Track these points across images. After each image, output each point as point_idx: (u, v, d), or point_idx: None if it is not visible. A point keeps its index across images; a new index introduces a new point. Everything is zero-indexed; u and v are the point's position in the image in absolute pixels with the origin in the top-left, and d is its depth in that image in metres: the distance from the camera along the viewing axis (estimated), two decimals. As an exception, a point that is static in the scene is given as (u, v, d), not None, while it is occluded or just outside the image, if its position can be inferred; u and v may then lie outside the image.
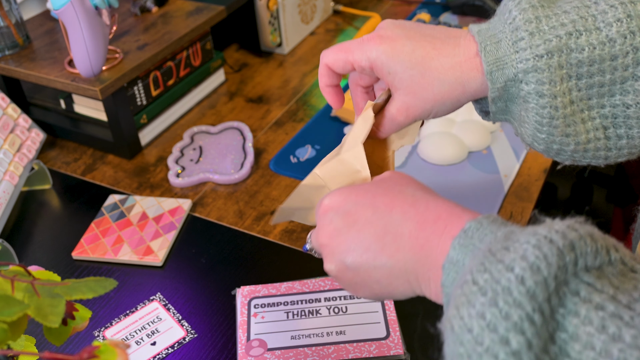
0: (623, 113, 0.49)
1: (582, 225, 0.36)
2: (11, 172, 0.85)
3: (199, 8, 1.05)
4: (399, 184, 0.48)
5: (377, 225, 0.46)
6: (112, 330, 0.70)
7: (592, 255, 0.35)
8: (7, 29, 0.95)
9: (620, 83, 0.48)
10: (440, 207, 0.45)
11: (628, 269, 0.36)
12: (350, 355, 0.64)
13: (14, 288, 0.38)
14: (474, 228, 0.41)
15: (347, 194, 0.48)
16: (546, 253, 0.34)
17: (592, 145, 0.51)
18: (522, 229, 0.38)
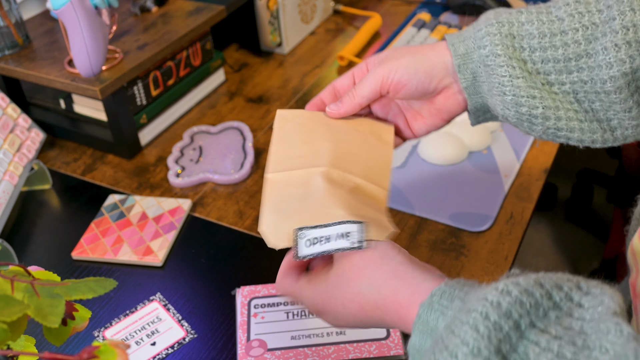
0: (582, 89, 0.53)
1: (516, 283, 0.37)
2: (11, 172, 0.85)
3: (199, 8, 1.05)
4: (355, 276, 0.48)
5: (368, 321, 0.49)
6: (112, 330, 0.70)
7: (534, 309, 0.37)
8: (7, 28, 0.95)
9: (575, 60, 0.52)
10: (394, 304, 0.46)
11: (575, 304, 0.37)
12: (350, 356, 0.64)
13: (13, 288, 0.38)
14: (427, 310, 0.42)
15: (322, 307, 0.50)
16: (483, 332, 0.35)
17: (562, 112, 0.54)
18: (466, 302, 0.39)
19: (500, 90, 0.54)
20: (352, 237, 0.48)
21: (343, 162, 0.56)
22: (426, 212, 0.81)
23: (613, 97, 0.52)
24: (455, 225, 0.80)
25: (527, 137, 0.93)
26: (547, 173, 0.87)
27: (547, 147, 0.92)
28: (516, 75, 0.53)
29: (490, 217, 0.80)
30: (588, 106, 0.53)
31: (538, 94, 0.53)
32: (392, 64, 0.57)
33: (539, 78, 0.53)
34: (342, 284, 0.48)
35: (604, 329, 0.34)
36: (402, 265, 0.46)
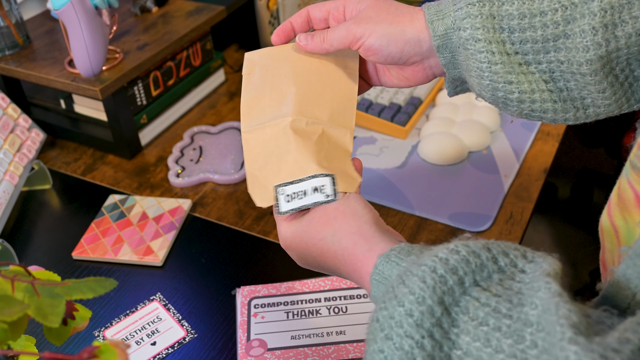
0: (558, 68, 0.53)
1: (465, 245, 0.41)
2: (11, 172, 0.85)
3: (199, 8, 1.05)
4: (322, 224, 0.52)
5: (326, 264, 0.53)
6: (112, 330, 0.70)
7: (479, 270, 0.40)
8: (7, 29, 0.95)
9: (553, 40, 0.52)
10: (351, 255, 0.49)
11: (518, 270, 0.41)
12: (350, 355, 0.64)
13: (14, 288, 0.38)
14: (384, 262, 0.45)
15: (289, 244, 0.55)
16: (429, 283, 0.39)
17: (537, 95, 0.55)
18: (420, 258, 0.42)
19: (478, 74, 0.54)
20: (325, 190, 0.52)
21: (309, 107, 0.58)
22: (426, 212, 0.82)
23: (588, 78, 0.52)
24: (455, 225, 0.80)
25: (527, 137, 0.93)
26: (546, 173, 0.87)
27: (547, 147, 0.92)
28: (495, 62, 0.53)
29: (490, 217, 0.80)
30: (563, 85, 0.54)
31: (515, 79, 0.54)
32: (367, 27, 0.56)
33: (517, 58, 0.54)
34: (310, 228, 0.52)
35: (536, 287, 0.37)
36: (367, 224, 0.50)
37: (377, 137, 0.96)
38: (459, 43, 0.55)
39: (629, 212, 0.45)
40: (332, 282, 0.72)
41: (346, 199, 0.52)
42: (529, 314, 0.36)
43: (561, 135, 0.94)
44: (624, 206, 0.46)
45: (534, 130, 0.95)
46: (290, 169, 0.54)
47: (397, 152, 0.92)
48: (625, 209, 0.46)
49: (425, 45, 0.56)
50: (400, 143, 0.94)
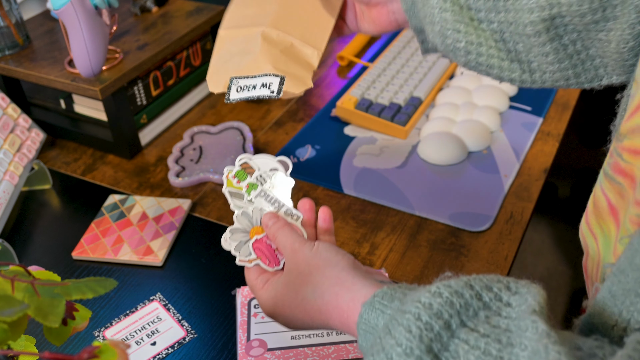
0: (508, 29, 0.56)
1: (447, 285, 0.40)
2: (11, 172, 0.85)
3: (199, 8, 1.05)
4: (300, 284, 0.51)
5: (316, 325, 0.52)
6: (112, 330, 0.70)
7: (464, 310, 0.39)
8: (7, 29, 0.95)
9: (504, 1, 0.55)
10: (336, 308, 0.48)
11: (504, 304, 0.39)
12: (350, 355, 0.64)
13: (14, 288, 0.38)
14: (368, 310, 0.44)
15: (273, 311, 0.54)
16: (415, 332, 0.38)
17: (484, 49, 0.58)
18: (404, 304, 0.41)
19: (430, 19, 0.59)
20: (272, 87, 0.57)
21: (284, 23, 0.64)
22: (426, 212, 0.82)
23: (532, 40, 0.55)
24: (455, 225, 0.80)
25: (527, 137, 0.93)
26: (547, 173, 0.87)
27: (547, 147, 0.92)
28: (445, 9, 0.57)
29: (490, 217, 0.80)
30: (512, 46, 0.57)
31: (463, 29, 0.57)
32: None
33: (470, 14, 0.57)
34: (289, 290, 0.52)
35: (523, 327, 0.36)
36: (344, 272, 0.49)
37: (377, 137, 0.96)
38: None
39: (604, 220, 0.45)
40: (332, 282, 0.72)
41: (316, 251, 0.52)
42: (519, 355, 0.35)
43: (561, 135, 0.94)
44: (599, 214, 0.46)
45: (534, 130, 0.95)
46: (248, 66, 0.60)
47: (397, 152, 0.92)
48: (600, 217, 0.46)
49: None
50: (400, 143, 0.94)
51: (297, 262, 0.52)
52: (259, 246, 0.57)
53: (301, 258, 0.52)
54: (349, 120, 0.99)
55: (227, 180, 0.58)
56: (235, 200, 0.58)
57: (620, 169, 0.43)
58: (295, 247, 0.53)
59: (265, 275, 0.56)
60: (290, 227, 0.56)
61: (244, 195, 0.58)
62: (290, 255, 0.53)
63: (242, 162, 0.59)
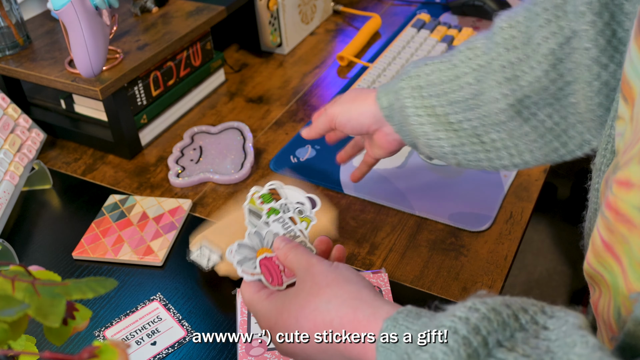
0: (486, 121, 0.62)
1: (483, 302, 0.38)
2: (11, 172, 0.85)
3: (199, 8, 1.05)
4: (313, 295, 0.48)
5: (314, 347, 0.47)
6: (113, 330, 0.70)
7: (501, 329, 0.36)
8: (8, 29, 0.95)
9: (472, 99, 0.62)
10: (352, 322, 0.45)
11: (540, 327, 0.37)
12: (350, 355, 0.64)
13: (14, 288, 0.38)
14: (391, 327, 0.41)
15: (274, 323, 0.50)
16: (452, 346, 0.35)
17: (468, 147, 0.64)
18: (433, 320, 0.39)
19: (414, 134, 0.67)
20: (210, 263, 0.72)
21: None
22: (426, 212, 0.82)
23: (510, 124, 0.61)
24: (454, 225, 0.80)
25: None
26: (546, 173, 0.87)
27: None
28: (422, 122, 0.65)
29: (489, 217, 0.80)
30: (494, 136, 0.63)
31: (444, 136, 0.64)
32: (335, 109, 0.73)
33: (447, 119, 0.64)
34: (300, 299, 0.48)
35: (570, 343, 0.35)
36: (365, 289, 0.46)
37: (377, 137, 0.96)
38: (399, 112, 0.67)
39: (603, 257, 0.44)
40: (332, 282, 0.72)
41: (336, 267, 0.49)
42: None
43: (561, 136, 0.94)
44: (597, 253, 0.45)
45: (533, 130, 0.95)
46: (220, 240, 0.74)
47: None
48: (598, 255, 0.45)
49: (378, 114, 0.70)
50: (400, 143, 0.94)
51: (313, 274, 0.49)
52: (265, 263, 0.55)
53: (318, 270, 0.49)
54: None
55: (250, 199, 0.58)
56: (252, 218, 0.57)
57: (607, 202, 0.42)
58: (313, 262, 0.50)
59: (267, 290, 0.53)
60: (304, 248, 0.53)
61: (262, 216, 0.57)
62: (305, 269, 0.50)
63: (271, 187, 0.58)
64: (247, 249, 0.56)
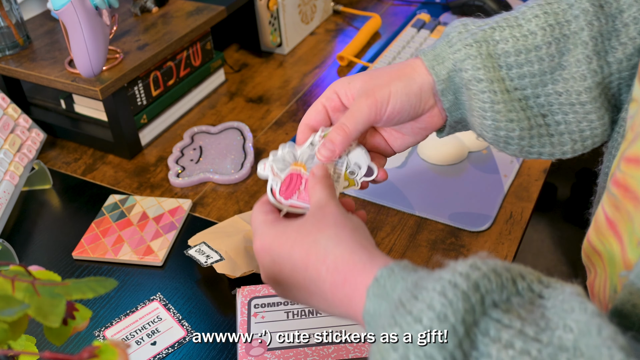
0: (557, 100, 0.54)
1: (485, 262, 0.38)
2: (11, 172, 0.85)
3: (199, 8, 1.05)
4: (317, 229, 0.47)
5: (298, 280, 0.47)
6: (113, 330, 0.70)
7: (498, 290, 0.36)
8: (8, 29, 0.95)
9: (550, 73, 0.53)
10: (348, 263, 0.45)
11: (536, 295, 0.37)
12: (350, 355, 0.64)
13: (14, 288, 0.38)
14: (385, 275, 0.41)
15: (269, 245, 0.49)
16: (451, 299, 0.35)
17: (535, 131, 0.55)
18: (430, 274, 0.39)
19: (480, 114, 0.54)
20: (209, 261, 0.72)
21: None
22: (426, 212, 0.82)
23: (588, 107, 0.53)
24: (454, 225, 0.80)
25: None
26: (546, 173, 0.87)
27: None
28: (497, 101, 0.53)
29: (489, 217, 0.80)
30: (561, 118, 0.54)
31: (516, 117, 0.53)
32: (383, 92, 0.54)
33: (516, 94, 0.54)
34: (303, 229, 0.48)
35: (568, 308, 0.35)
36: (369, 240, 0.46)
37: (377, 137, 0.96)
38: (461, 84, 0.54)
39: (604, 235, 0.44)
40: (332, 282, 0.72)
41: (350, 216, 0.48)
42: (562, 338, 0.33)
43: (561, 135, 0.94)
44: (599, 230, 0.45)
45: (533, 130, 0.95)
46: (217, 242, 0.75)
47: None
48: (600, 233, 0.45)
49: (434, 87, 0.56)
50: (400, 143, 0.94)
51: (324, 212, 0.48)
52: (292, 176, 0.55)
53: (331, 210, 0.48)
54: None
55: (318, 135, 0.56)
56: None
57: (615, 179, 0.42)
58: (332, 203, 0.49)
59: (275, 216, 0.52)
60: (333, 188, 0.52)
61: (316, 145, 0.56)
62: (320, 206, 0.49)
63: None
64: (282, 161, 0.56)
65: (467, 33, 0.54)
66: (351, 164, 0.56)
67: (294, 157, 0.56)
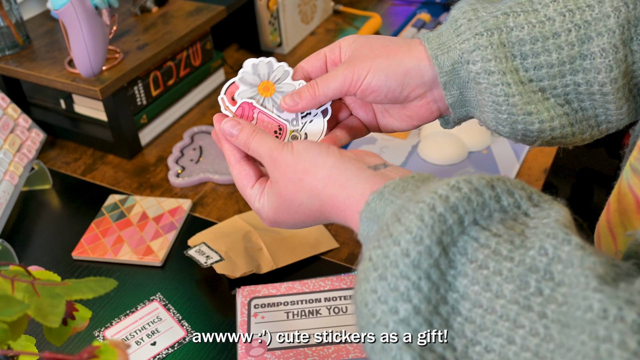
0: (575, 91, 0.50)
1: (468, 181, 0.38)
2: (11, 172, 0.85)
3: (199, 8, 1.05)
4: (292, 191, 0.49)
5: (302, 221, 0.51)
6: (112, 330, 0.70)
7: (479, 209, 0.37)
8: (7, 29, 0.95)
9: (569, 63, 0.49)
10: (333, 209, 0.47)
11: (522, 212, 0.38)
12: (350, 356, 0.64)
13: (14, 288, 0.38)
14: (376, 199, 0.42)
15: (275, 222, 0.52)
16: (427, 221, 0.36)
17: (557, 122, 0.51)
18: (416, 195, 0.39)
19: (494, 108, 0.50)
20: (209, 261, 0.72)
21: (269, 237, 0.77)
22: (426, 212, 0.81)
23: (610, 97, 0.49)
24: (455, 225, 0.80)
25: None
26: (547, 173, 0.87)
27: (547, 147, 0.92)
28: (512, 94, 0.49)
29: (490, 217, 0.80)
30: (577, 106, 0.51)
31: (534, 109, 0.50)
32: (363, 66, 0.52)
33: (532, 86, 0.50)
34: (284, 200, 0.49)
35: (550, 234, 0.35)
36: (335, 169, 0.46)
37: (377, 137, 0.96)
38: (468, 78, 0.50)
39: (629, 218, 0.43)
40: (332, 282, 0.72)
41: (298, 154, 0.48)
42: (536, 259, 0.34)
43: (561, 135, 0.94)
44: (624, 211, 0.44)
45: (534, 130, 0.95)
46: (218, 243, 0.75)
47: (397, 152, 0.92)
48: (624, 215, 0.44)
49: (428, 74, 0.52)
50: (400, 143, 0.94)
51: (281, 171, 0.49)
52: (244, 105, 0.55)
53: (285, 166, 0.49)
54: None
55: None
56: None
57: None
58: (275, 156, 0.49)
59: (259, 186, 0.53)
60: (262, 132, 0.52)
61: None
62: (272, 166, 0.50)
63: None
64: (253, 77, 0.55)
65: (477, 20, 0.49)
66: (302, 131, 0.56)
67: (267, 75, 0.55)
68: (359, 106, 0.58)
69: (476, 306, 0.35)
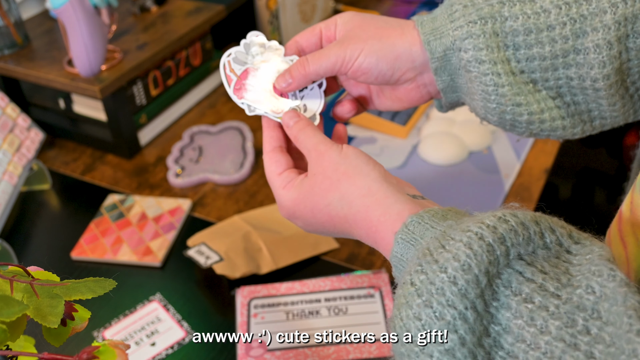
0: (567, 84, 0.50)
1: (514, 214, 0.38)
2: (10, 172, 0.85)
3: (199, 8, 1.05)
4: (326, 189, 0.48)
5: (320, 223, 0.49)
6: (112, 330, 0.69)
7: (525, 243, 0.37)
8: (6, 28, 0.95)
9: (562, 57, 0.48)
10: (363, 221, 0.46)
11: (564, 249, 0.38)
12: (350, 356, 0.64)
13: (13, 288, 0.38)
14: (415, 222, 0.42)
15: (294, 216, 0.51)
16: (476, 250, 0.36)
17: (547, 115, 0.51)
18: (460, 224, 0.39)
19: (483, 97, 0.50)
20: (209, 262, 0.72)
21: (268, 236, 0.77)
22: (426, 212, 0.81)
23: (602, 93, 0.49)
24: (455, 225, 0.79)
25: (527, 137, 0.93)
26: (547, 173, 0.87)
27: (548, 147, 0.91)
28: (502, 84, 0.49)
29: (490, 217, 0.80)
30: (570, 99, 0.51)
31: (523, 101, 0.50)
32: (355, 47, 0.52)
33: (523, 77, 0.50)
34: (313, 194, 0.48)
35: (596, 271, 0.35)
36: (376, 183, 0.46)
37: (377, 137, 0.96)
38: (459, 65, 0.51)
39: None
40: (332, 282, 0.72)
41: (345, 156, 0.48)
42: (583, 297, 0.34)
43: (562, 135, 0.94)
44: (637, 223, 0.44)
45: (534, 130, 0.95)
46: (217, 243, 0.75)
47: (397, 152, 0.92)
48: (637, 225, 0.44)
49: (419, 59, 0.52)
50: (400, 143, 0.94)
51: (323, 166, 0.48)
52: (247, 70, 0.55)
53: (328, 162, 0.48)
54: (349, 120, 0.99)
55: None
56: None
57: None
58: (321, 150, 0.49)
59: (288, 174, 0.52)
60: (313, 127, 0.51)
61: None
62: (315, 158, 0.49)
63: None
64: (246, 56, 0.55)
65: (472, 7, 0.49)
66: (302, 103, 0.55)
67: (258, 52, 0.55)
68: (352, 85, 0.59)
69: (519, 341, 0.35)
